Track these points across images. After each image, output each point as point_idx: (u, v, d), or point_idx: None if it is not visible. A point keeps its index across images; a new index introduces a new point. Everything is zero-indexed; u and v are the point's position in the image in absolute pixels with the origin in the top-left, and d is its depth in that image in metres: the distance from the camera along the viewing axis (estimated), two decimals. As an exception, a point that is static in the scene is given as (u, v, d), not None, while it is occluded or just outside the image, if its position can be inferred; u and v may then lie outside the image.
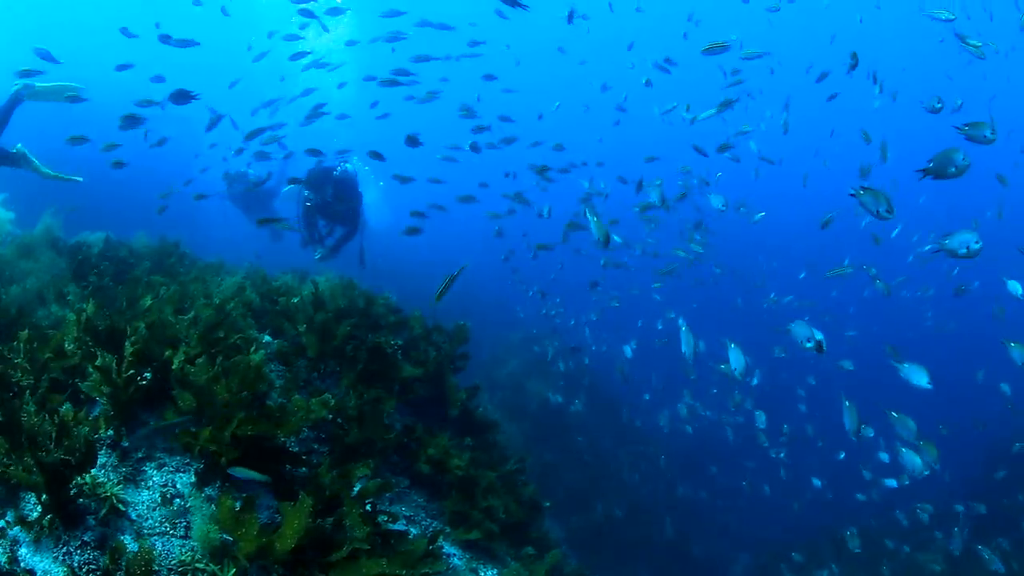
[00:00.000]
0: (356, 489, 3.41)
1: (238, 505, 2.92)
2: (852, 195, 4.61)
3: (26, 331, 3.62)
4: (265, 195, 14.09)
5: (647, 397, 13.71)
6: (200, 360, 3.29)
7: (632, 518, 11.06)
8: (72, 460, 2.60)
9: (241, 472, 3.01)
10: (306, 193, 9.09)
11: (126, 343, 3.42)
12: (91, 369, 3.28)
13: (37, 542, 2.81)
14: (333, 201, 9.05)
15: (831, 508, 11.23)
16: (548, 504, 6.03)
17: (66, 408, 2.83)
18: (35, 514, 2.91)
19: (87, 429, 2.67)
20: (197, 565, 2.73)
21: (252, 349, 3.68)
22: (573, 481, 10.87)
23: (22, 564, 2.78)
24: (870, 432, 6.23)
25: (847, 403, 5.27)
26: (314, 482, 3.19)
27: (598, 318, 13.20)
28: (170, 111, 6.89)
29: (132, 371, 3.43)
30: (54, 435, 2.65)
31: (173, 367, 3.44)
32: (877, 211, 4.50)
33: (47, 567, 2.74)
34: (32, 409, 2.76)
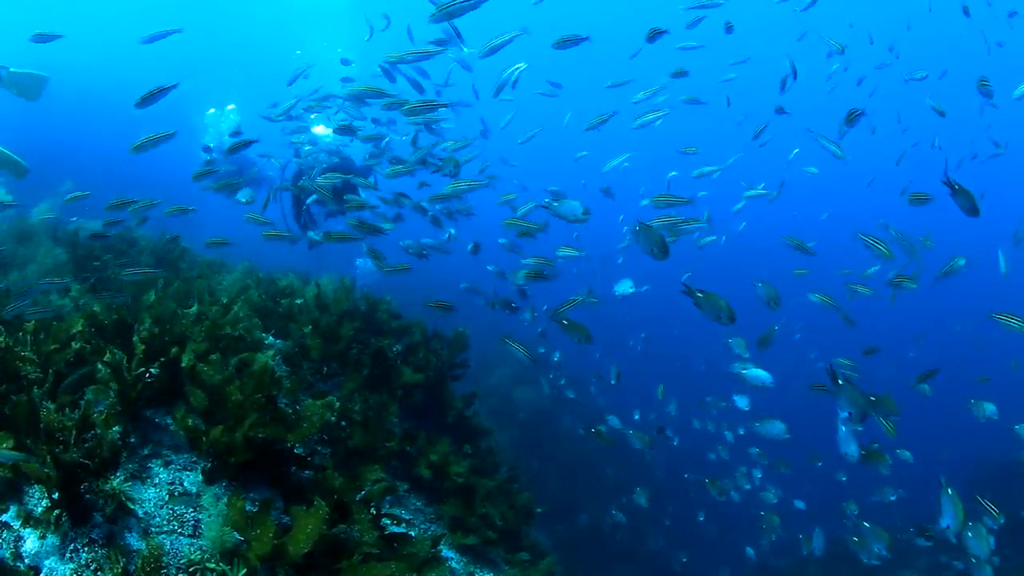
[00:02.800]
0: (362, 492, 3.42)
1: (248, 506, 2.91)
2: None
3: (32, 322, 3.58)
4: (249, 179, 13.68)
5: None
6: (214, 357, 3.28)
7: (616, 528, 11.11)
8: (91, 464, 2.58)
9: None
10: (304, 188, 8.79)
11: (135, 338, 3.40)
12: (100, 365, 3.26)
13: (43, 538, 2.78)
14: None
15: (819, 525, 11.30)
16: (540, 511, 6.07)
17: (87, 400, 2.80)
18: (40, 509, 2.89)
19: (119, 430, 2.64)
20: (207, 564, 2.72)
21: (272, 354, 3.67)
22: (559, 489, 10.91)
23: (27, 561, 2.75)
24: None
25: (949, 492, 4.31)
26: (323, 485, 3.20)
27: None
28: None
29: (141, 368, 3.41)
30: (74, 432, 2.62)
31: (183, 364, 3.43)
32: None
33: (53, 564, 2.71)
34: (51, 405, 2.74)
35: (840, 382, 4.49)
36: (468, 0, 5.01)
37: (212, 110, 12.15)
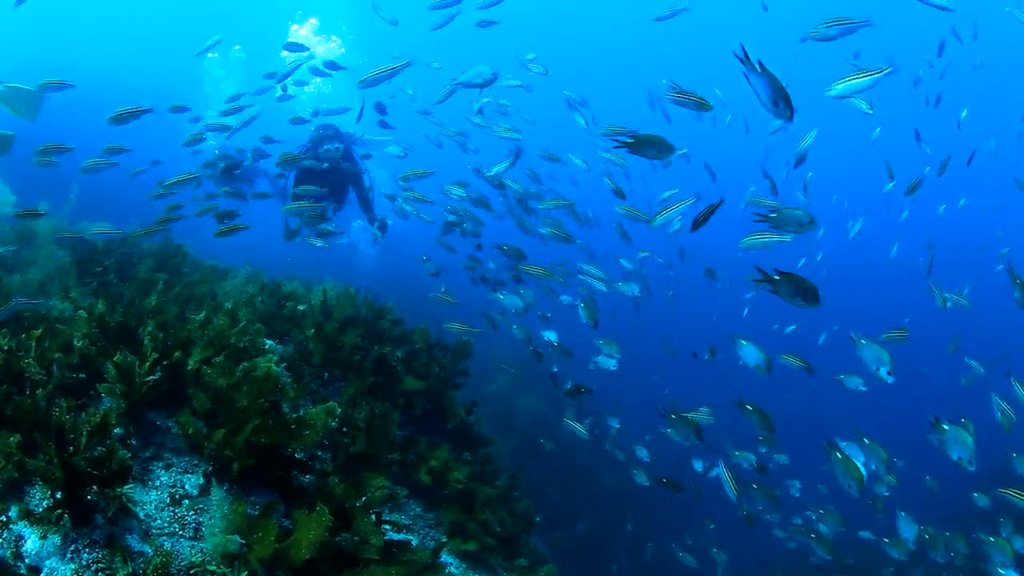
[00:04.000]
0: (363, 499, 3.42)
1: (250, 509, 2.92)
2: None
3: (40, 329, 3.59)
4: (248, 175, 13.20)
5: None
6: (218, 360, 3.29)
7: (613, 535, 11.09)
8: (99, 474, 2.60)
9: None
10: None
11: (146, 341, 3.41)
12: (109, 366, 3.27)
13: (44, 538, 2.77)
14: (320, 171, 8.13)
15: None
16: (538, 519, 6.06)
17: (107, 405, 2.82)
18: (41, 509, 2.89)
19: (128, 454, 2.67)
20: (208, 567, 2.72)
21: (276, 360, 3.69)
22: (558, 497, 10.89)
23: (27, 560, 2.75)
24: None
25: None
26: (325, 491, 3.20)
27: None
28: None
29: (149, 372, 3.42)
30: (84, 438, 2.63)
31: (188, 367, 3.44)
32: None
33: (54, 565, 2.71)
34: (64, 403, 2.75)
35: (838, 455, 4.40)
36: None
37: (213, 54, 11.60)
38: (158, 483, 3.22)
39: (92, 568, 2.71)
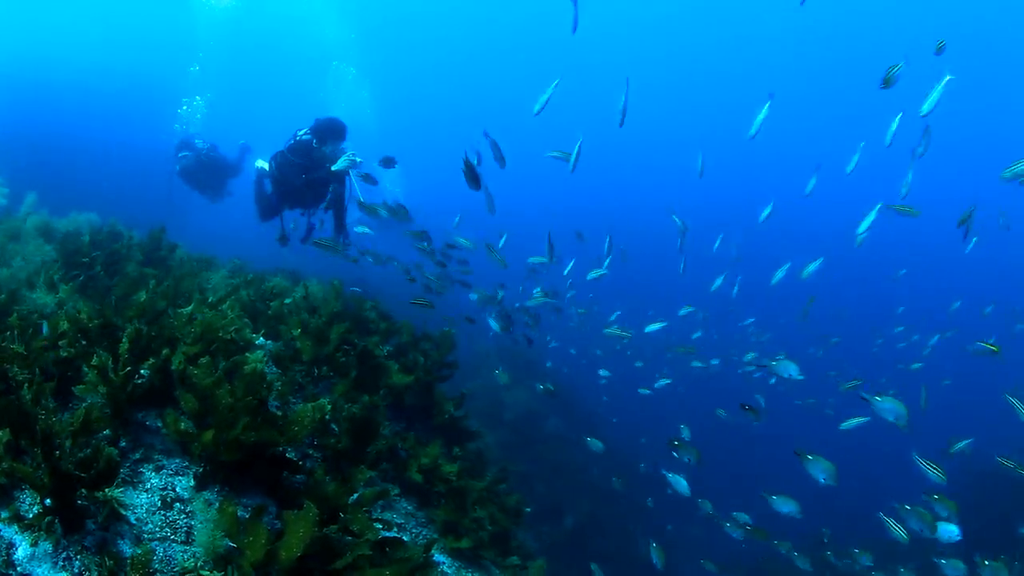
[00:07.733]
0: (354, 496, 3.42)
1: (241, 512, 2.90)
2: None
3: (14, 315, 3.53)
4: (221, 170, 12.20)
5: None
6: (203, 360, 3.26)
7: (601, 530, 11.17)
8: (86, 476, 2.56)
9: None
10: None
11: (123, 340, 3.37)
12: (87, 368, 3.22)
13: (35, 545, 2.74)
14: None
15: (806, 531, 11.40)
16: (529, 510, 6.09)
17: (88, 404, 2.77)
18: (32, 515, 2.85)
19: (115, 451, 2.63)
20: (201, 572, 2.70)
21: (261, 355, 3.65)
22: (545, 490, 10.95)
23: (18, 568, 2.71)
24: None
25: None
26: (316, 491, 3.19)
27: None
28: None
29: (129, 369, 3.38)
30: (69, 440, 2.60)
31: (173, 367, 3.41)
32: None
33: (46, 572, 2.68)
34: (52, 403, 2.71)
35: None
36: None
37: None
38: (149, 486, 3.19)
39: (85, 575, 2.69)
